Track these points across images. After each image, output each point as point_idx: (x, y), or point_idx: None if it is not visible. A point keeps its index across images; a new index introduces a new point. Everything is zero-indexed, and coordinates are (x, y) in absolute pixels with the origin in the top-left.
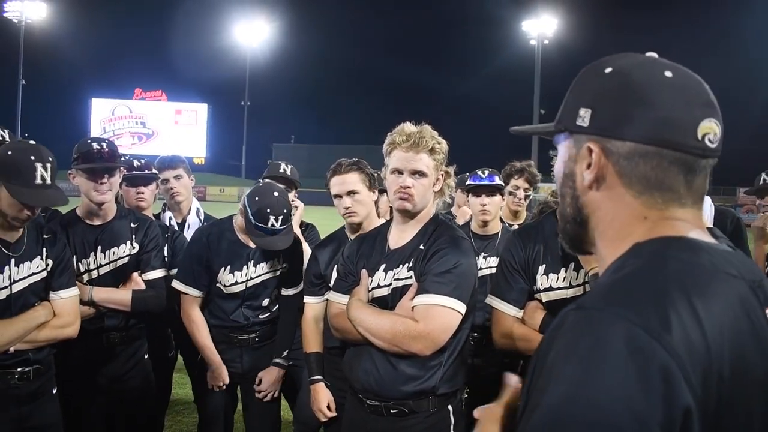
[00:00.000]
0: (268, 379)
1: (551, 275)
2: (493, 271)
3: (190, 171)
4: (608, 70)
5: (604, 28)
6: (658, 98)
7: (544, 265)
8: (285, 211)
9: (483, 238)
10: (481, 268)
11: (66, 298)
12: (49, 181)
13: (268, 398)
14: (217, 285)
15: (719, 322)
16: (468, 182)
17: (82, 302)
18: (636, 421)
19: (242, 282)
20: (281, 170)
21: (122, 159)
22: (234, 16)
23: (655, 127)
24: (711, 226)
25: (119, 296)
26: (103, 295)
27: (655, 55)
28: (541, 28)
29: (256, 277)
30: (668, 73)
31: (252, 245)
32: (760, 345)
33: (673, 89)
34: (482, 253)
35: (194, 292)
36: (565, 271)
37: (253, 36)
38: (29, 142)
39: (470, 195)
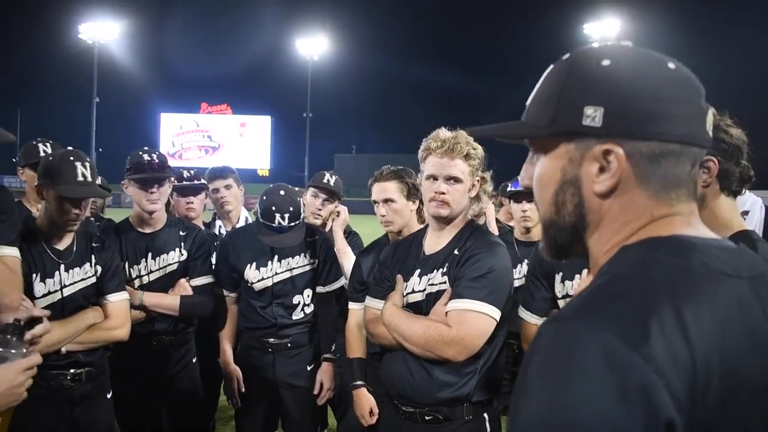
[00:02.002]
0: (327, 376)
1: (567, 282)
2: None
3: (239, 181)
4: (606, 62)
5: (670, 29)
6: (673, 92)
7: (561, 273)
8: (291, 209)
9: (526, 244)
10: (524, 276)
11: (116, 301)
12: (90, 179)
13: (330, 395)
14: (247, 284)
15: (708, 328)
16: (509, 188)
17: (133, 306)
18: None
19: (268, 278)
20: (325, 180)
21: (171, 169)
22: (295, 31)
23: (678, 123)
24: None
25: (168, 301)
26: (153, 300)
27: (630, 43)
28: (603, 30)
29: (282, 272)
30: (671, 65)
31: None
32: (758, 347)
33: (682, 82)
34: (525, 260)
35: (228, 293)
36: (579, 278)
37: (314, 49)
38: (68, 148)
39: (511, 201)
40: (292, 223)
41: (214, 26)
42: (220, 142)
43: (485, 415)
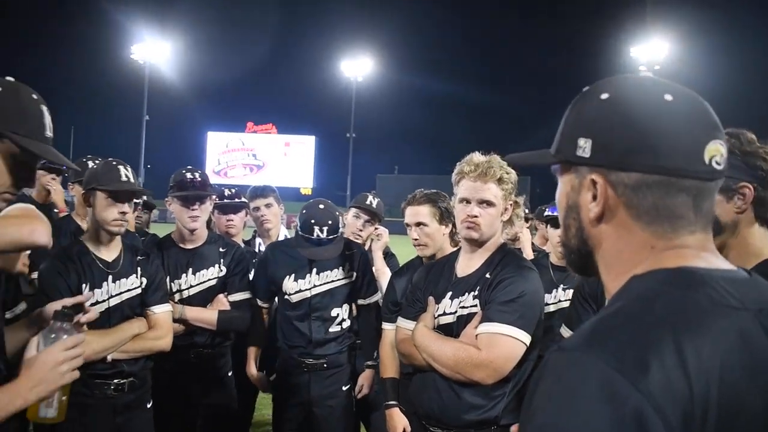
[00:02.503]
0: (368, 383)
1: None
2: None
3: (279, 200)
4: (604, 96)
5: (718, 52)
6: (660, 125)
7: None
8: (330, 222)
9: (562, 269)
10: (559, 301)
11: (159, 313)
12: (132, 180)
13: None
14: (285, 296)
15: (707, 360)
16: (546, 213)
17: (174, 320)
18: None
19: (306, 290)
20: (367, 201)
21: (213, 188)
22: (340, 52)
23: (661, 156)
24: None
25: (207, 315)
26: (193, 314)
27: (649, 74)
28: (651, 53)
29: (320, 285)
30: (668, 97)
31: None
32: (759, 378)
33: (675, 114)
34: (561, 285)
35: (260, 303)
36: None
37: (358, 70)
38: (109, 158)
39: (548, 226)
40: (331, 236)
41: (262, 47)
42: (264, 161)
43: None
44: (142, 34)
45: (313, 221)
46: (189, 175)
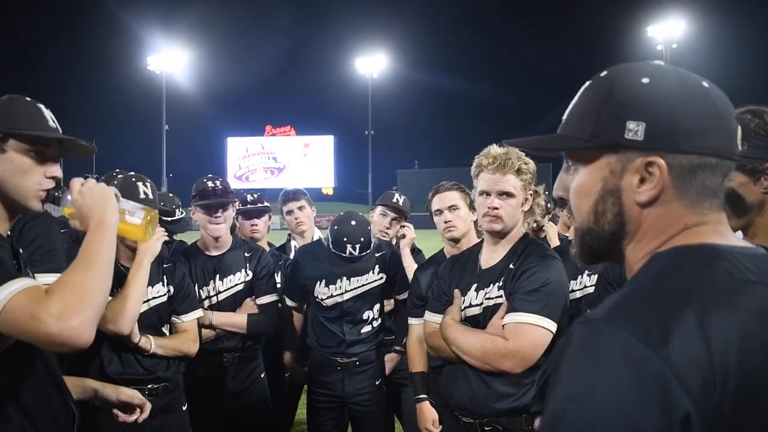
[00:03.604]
0: (392, 364)
1: None
2: None
3: (311, 202)
4: (645, 80)
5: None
6: (708, 109)
7: None
8: (362, 239)
9: None
10: (585, 287)
11: (188, 321)
12: (151, 197)
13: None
14: (316, 299)
15: (728, 332)
16: None
17: (204, 326)
18: (633, 429)
19: (338, 295)
20: (394, 200)
21: (234, 194)
22: (354, 50)
23: (713, 138)
24: None
25: (236, 320)
26: (222, 319)
27: (661, 62)
28: (668, 32)
29: (351, 290)
30: (705, 84)
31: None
32: None
33: (715, 100)
34: (586, 271)
35: (291, 303)
36: None
37: (373, 67)
38: (130, 173)
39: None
40: (363, 253)
41: (275, 50)
42: (285, 163)
43: None
44: (156, 44)
45: (345, 239)
46: (210, 184)
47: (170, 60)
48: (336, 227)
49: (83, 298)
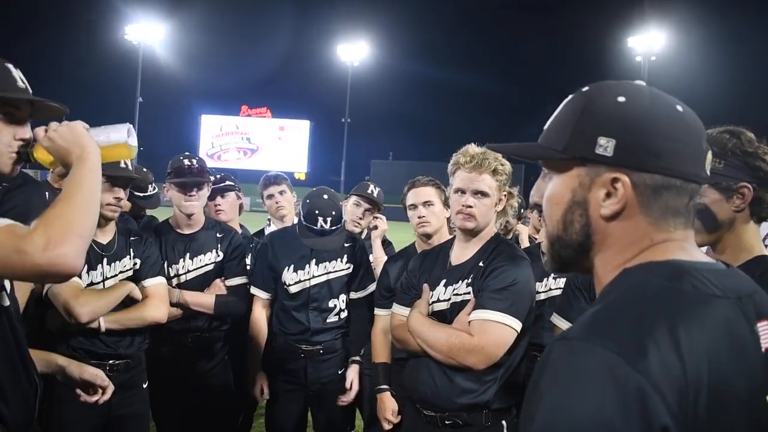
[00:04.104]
0: (355, 377)
1: None
2: None
3: (292, 187)
4: (621, 99)
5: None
6: (678, 132)
7: None
8: (333, 213)
9: None
10: (550, 289)
11: (153, 285)
12: (130, 167)
13: (353, 397)
14: (283, 286)
15: (697, 345)
16: None
17: (171, 304)
18: None
19: (305, 280)
20: (368, 190)
21: (210, 174)
22: (336, 36)
23: (681, 161)
24: None
25: (204, 299)
26: (189, 298)
27: (643, 83)
28: (648, 44)
29: (320, 275)
30: (680, 108)
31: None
32: (742, 361)
33: (687, 123)
34: (552, 274)
35: (262, 294)
36: None
37: (354, 55)
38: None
39: (542, 216)
40: (334, 227)
41: (257, 30)
42: (258, 145)
43: (503, 422)
44: (136, 14)
45: (317, 211)
46: (187, 162)
47: (148, 31)
48: (308, 201)
49: (69, 225)
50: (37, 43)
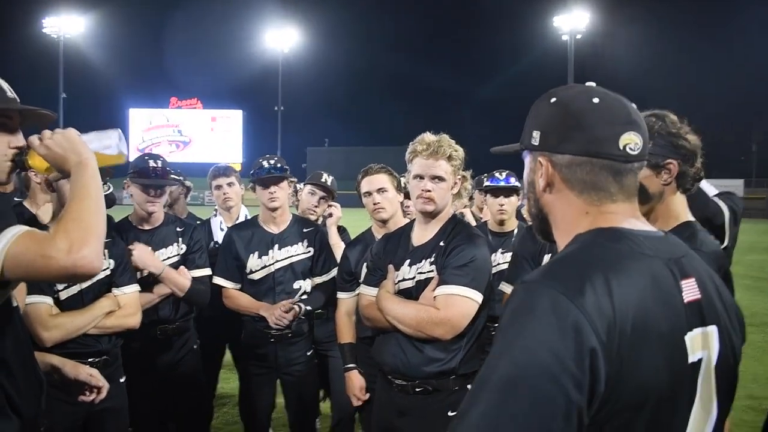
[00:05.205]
0: (284, 305)
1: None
2: None
3: (240, 180)
4: (553, 100)
5: (638, 21)
6: (586, 121)
7: (550, 254)
8: (276, 159)
9: (500, 235)
10: (498, 264)
11: (128, 293)
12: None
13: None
14: (248, 275)
15: (626, 291)
16: (486, 183)
17: (152, 275)
18: (555, 357)
19: (269, 265)
20: (323, 179)
21: (172, 175)
22: (265, 23)
23: (585, 143)
24: None
25: (181, 281)
26: (171, 274)
27: (593, 84)
28: (573, 23)
29: (282, 260)
30: (596, 100)
31: (275, 231)
32: (665, 308)
33: (599, 112)
34: (500, 249)
35: (231, 285)
36: None
37: (284, 42)
38: None
39: (488, 195)
40: (278, 166)
41: (183, 19)
42: (190, 137)
43: (469, 386)
44: (54, 5)
45: (261, 159)
46: (152, 163)
47: (68, 24)
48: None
49: (87, 229)
50: None
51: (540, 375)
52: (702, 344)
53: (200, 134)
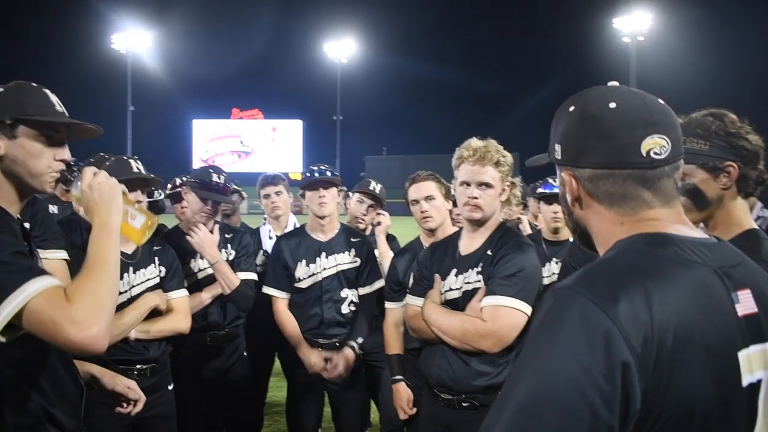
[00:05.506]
0: (341, 361)
1: None
2: None
3: (289, 188)
4: (571, 108)
5: (702, 23)
6: (603, 129)
7: None
8: (327, 165)
9: (554, 244)
10: (553, 273)
11: (177, 298)
12: (143, 172)
13: (337, 378)
14: (296, 284)
15: (668, 299)
16: (539, 190)
17: (211, 264)
18: (583, 371)
19: (317, 273)
20: (370, 187)
21: (232, 194)
22: (324, 35)
23: (604, 154)
24: None
25: (232, 276)
26: (224, 268)
27: (616, 83)
28: (634, 25)
29: (330, 268)
30: (612, 105)
31: (322, 239)
32: (715, 319)
33: (616, 118)
34: (554, 259)
35: (280, 294)
36: None
37: (342, 52)
38: (121, 156)
39: (542, 203)
40: (329, 170)
41: (244, 33)
42: (252, 147)
43: None
44: (121, 22)
45: (312, 166)
46: (215, 178)
47: (135, 39)
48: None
49: (100, 306)
50: (22, 57)
51: (565, 390)
52: (763, 363)
53: (261, 144)
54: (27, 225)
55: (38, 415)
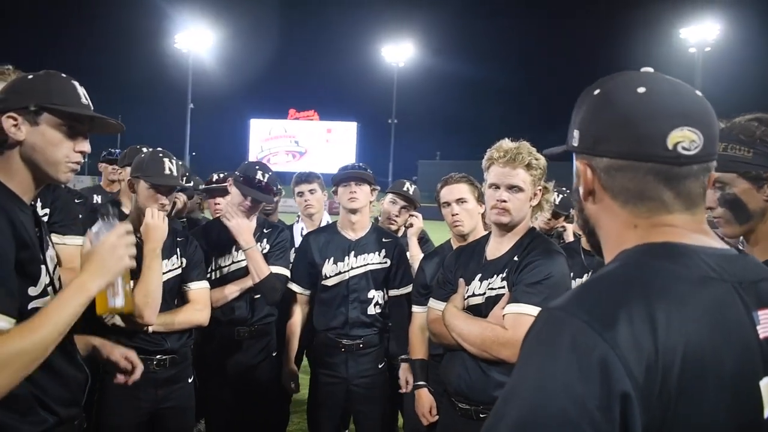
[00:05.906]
0: (409, 374)
1: None
2: None
3: (324, 186)
4: (596, 92)
5: None
6: (627, 116)
7: None
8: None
9: (593, 254)
10: None
11: (197, 289)
12: (175, 174)
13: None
14: (323, 281)
15: (675, 321)
16: None
17: (242, 249)
18: (575, 404)
19: (345, 272)
20: (404, 188)
21: (275, 192)
22: (381, 38)
23: (625, 143)
24: None
25: (263, 265)
26: (256, 255)
27: (650, 69)
28: (701, 35)
29: (358, 267)
30: (641, 90)
31: (352, 237)
32: (730, 343)
33: (643, 104)
34: (591, 270)
35: (299, 290)
36: None
37: (399, 55)
38: (157, 148)
39: None
40: (361, 166)
41: (302, 35)
42: (306, 148)
43: None
44: (184, 22)
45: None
46: (260, 176)
47: (197, 39)
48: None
49: (21, 368)
50: (90, 55)
51: (553, 425)
52: None
53: (316, 145)
54: (44, 210)
55: (28, 401)
